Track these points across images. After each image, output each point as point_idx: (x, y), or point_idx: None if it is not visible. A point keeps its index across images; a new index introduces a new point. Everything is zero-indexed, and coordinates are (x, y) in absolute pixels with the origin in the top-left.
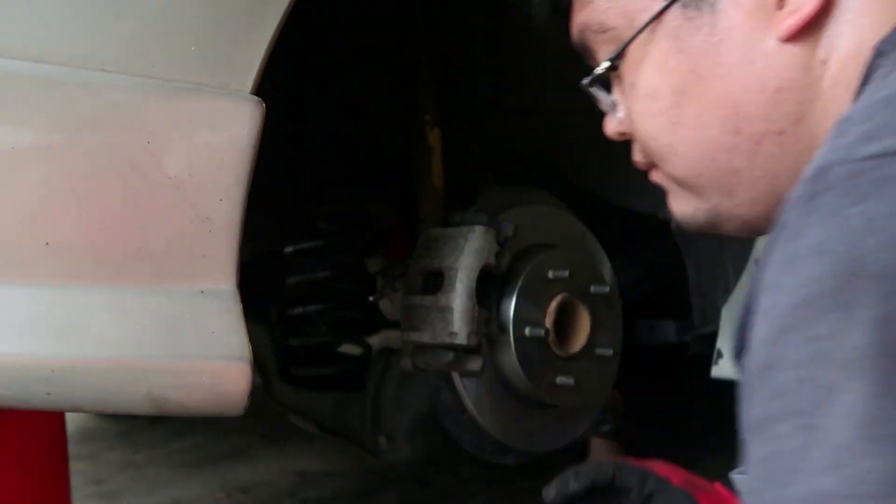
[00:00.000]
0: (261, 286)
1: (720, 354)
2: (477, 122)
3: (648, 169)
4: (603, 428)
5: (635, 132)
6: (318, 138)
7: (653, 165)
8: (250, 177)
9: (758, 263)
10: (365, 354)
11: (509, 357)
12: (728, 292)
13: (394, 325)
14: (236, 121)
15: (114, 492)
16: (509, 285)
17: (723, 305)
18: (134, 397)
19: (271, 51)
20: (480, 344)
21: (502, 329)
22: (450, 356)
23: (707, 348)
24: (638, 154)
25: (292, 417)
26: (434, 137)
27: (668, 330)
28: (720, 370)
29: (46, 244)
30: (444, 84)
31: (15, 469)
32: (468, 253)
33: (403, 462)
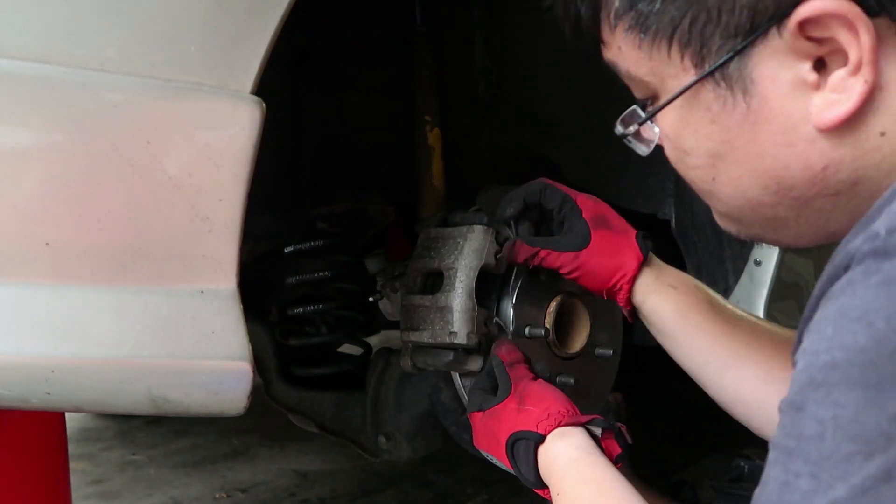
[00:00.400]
0: (261, 286)
1: None
2: (477, 122)
3: None
4: None
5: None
6: (318, 138)
7: None
8: (250, 177)
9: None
10: (365, 354)
11: None
12: (728, 292)
13: (394, 326)
14: (236, 121)
15: (113, 492)
16: (509, 285)
17: None
18: (134, 397)
19: (271, 51)
20: (480, 344)
21: (502, 329)
22: (450, 356)
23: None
24: (679, 172)
25: (292, 417)
26: (434, 137)
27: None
28: None
29: (46, 244)
30: (444, 84)
31: (15, 469)
32: (468, 253)
33: (403, 462)
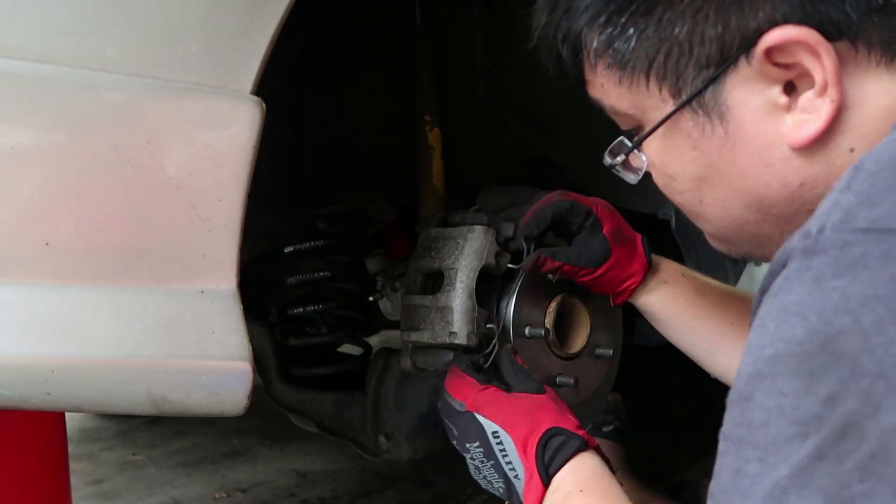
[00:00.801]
0: (261, 286)
1: None
2: (477, 122)
3: None
4: (605, 429)
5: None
6: (318, 138)
7: None
8: (250, 177)
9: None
10: (365, 354)
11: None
12: None
13: (394, 325)
14: (236, 121)
15: (113, 492)
16: (509, 285)
17: None
18: (134, 397)
19: (271, 51)
20: (480, 344)
21: (502, 329)
22: (450, 356)
23: None
24: (668, 197)
25: (292, 417)
26: (434, 137)
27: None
28: None
29: (46, 244)
30: (444, 84)
31: (15, 469)
32: (468, 253)
33: (403, 462)
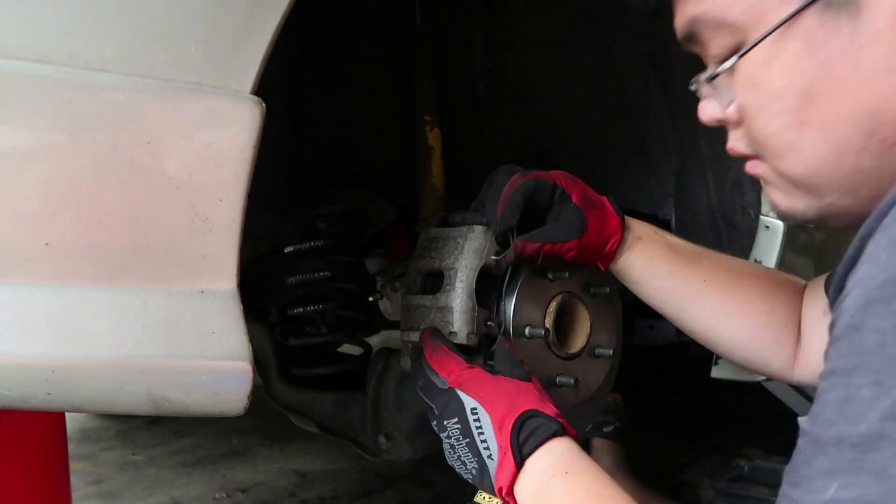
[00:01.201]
0: (261, 286)
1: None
2: (477, 122)
3: (748, 159)
4: (605, 429)
5: (747, 126)
6: (318, 138)
7: (756, 157)
8: (250, 177)
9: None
10: (365, 354)
11: None
12: None
13: (394, 325)
14: (236, 121)
15: (113, 492)
16: (509, 285)
17: None
18: (134, 397)
19: (271, 51)
20: (480, 344)
21: (502, 329)
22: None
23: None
24: (739, 143)
25: (292, 417)
26: (434, 137)
27: (668, 330)
28: (720, 370)
29: (46, 244)
30: (444, 84)
31: (15, 469)
32: (468, 253)
33: (403, 462)
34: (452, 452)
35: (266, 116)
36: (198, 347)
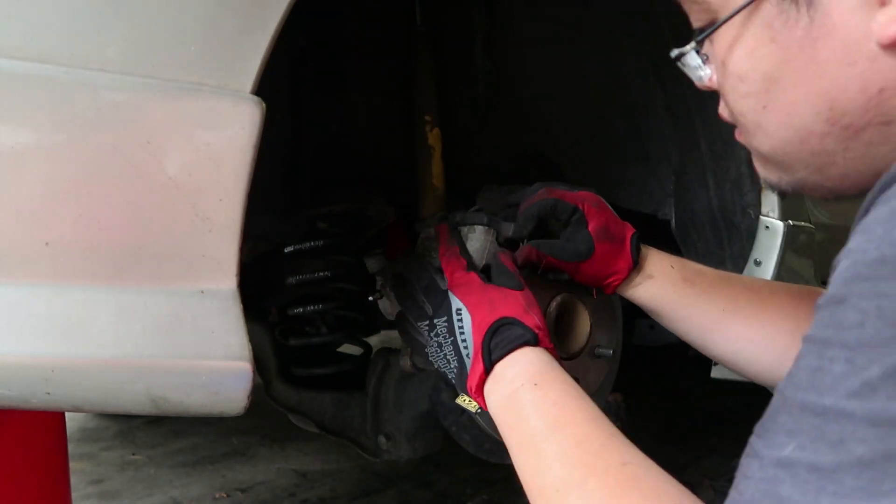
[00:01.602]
0: (261, 286)
1: None
2: (477, 122)
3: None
4: None
5: (725, 100)
6: (318, 138)
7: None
8: (250, 177)
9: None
10: (365, 354)
11: None
12: None
13: (394, 325)
14: (236, 121)
15: (113, 492)
16: None
17: None
18: (134, 397)
19: (271, 51)
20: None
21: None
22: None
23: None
24: (724, 112)
25: (292, 417)
26: (434, 137)
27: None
28: (720, 370)
29: (46, 244)
30: (444, 84)
31: (15, 469)
32: (469, 253)
33: (403, 462)
34: (439, 350)
35: (266, 116)
36: (198, 347)
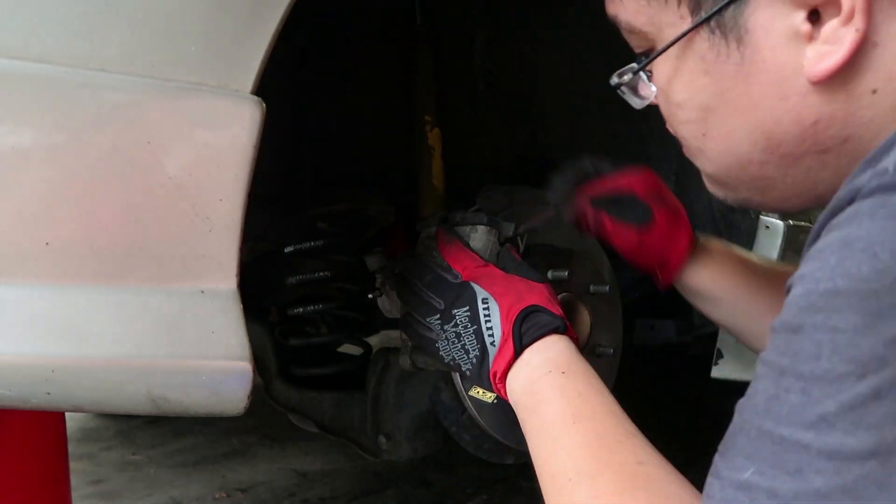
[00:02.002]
0: (261, 286)
1: (720, 354)
2: (477, 122)
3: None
4: None
5: (666, 121)
6: (318, 138)
7: None
8: (250, 177)
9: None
10: (365, 354)
11: None
12: None
13: (393, 324)
14: (236, 121)
15: (113, 492)
16: None
17: None
18: (134, 397)
19: (271, 51)
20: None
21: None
22: None
23: (707, 348)
24: (670, 128)
25: (292, 417)
26: (434, 137)
27: (668, 330)
28: (720, 370)
29: (46, 244)
30: (444, 84)
31: (15, 469)
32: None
33: (403, 462)
34: (457, 341)
35: (266, 116)
36: (198, 347)
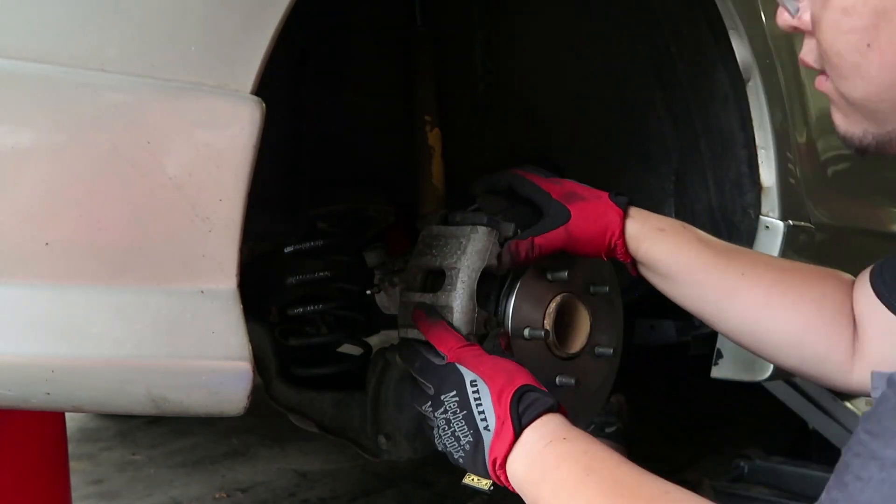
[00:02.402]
0: (261, 286)
1: (720, 355)
2: (477, 122)
3: (819, 72)
4: (607, 429)
5: (818, 40)
6: (318, 138)
7: (824, 72)
8: (250, 177)
9: None
10: (365, 354)
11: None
12: None
13: (393, 323)
14: (236, 121)
15: (113, 492)
16: (508, 286)
17: None
18: (134, 397)
19: (271, 51)
20: (480, 344)
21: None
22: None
23: (707, 348)
24: (809, 56)
25: (292, 417)
26: (434, 137)
27: (668, 330)
28: (720, 370)
29: (46, 244)
30: (444, 84)
31: (15, 469)
32: (471, 253)
33: (403, 462)
34: (447, 428)
35: (266, 116)
36: (198, 347)
